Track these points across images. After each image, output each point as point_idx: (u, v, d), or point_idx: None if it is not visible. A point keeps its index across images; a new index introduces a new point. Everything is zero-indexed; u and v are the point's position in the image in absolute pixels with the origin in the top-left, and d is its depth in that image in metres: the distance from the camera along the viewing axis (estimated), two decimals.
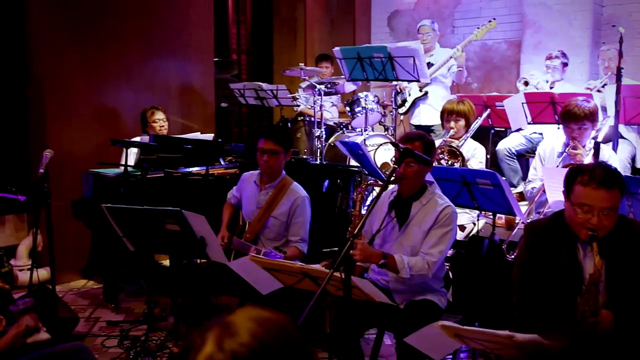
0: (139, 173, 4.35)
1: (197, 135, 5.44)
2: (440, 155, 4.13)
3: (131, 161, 4.90)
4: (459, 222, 4.24)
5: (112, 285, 4.77)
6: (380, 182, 3.39)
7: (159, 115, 5.18)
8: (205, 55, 6.28)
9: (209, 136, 5.36)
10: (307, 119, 6.23)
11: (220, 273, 3.51)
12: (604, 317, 2.32)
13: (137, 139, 5.09)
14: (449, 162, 4.17)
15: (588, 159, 3.87)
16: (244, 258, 2.80)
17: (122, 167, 4.36)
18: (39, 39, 5.05)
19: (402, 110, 6.03)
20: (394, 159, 2.68)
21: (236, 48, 8.25)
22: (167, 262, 5.32)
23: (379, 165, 4.50)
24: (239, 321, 1.06)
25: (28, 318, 2.39)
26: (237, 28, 8.23)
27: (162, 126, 5.18)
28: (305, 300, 2.33)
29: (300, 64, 6.14)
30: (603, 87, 5.24)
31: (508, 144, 5.55)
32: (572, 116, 3.91)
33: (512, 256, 3.54)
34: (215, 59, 6.60)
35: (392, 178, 2.64)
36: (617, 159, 4.08)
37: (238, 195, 3.94)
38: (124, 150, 4.41)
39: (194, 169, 4.74)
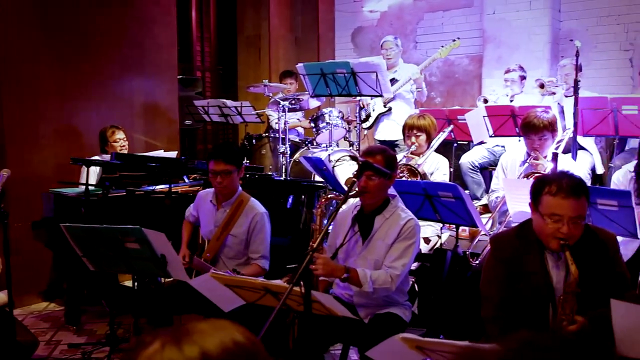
0: (101, 192, 4.28)
1: (160, 153, 5.38)
2: (401, 175, 4.16)
3: (93, 180, 4.84)
4: (423, 235, 4.27)
5: (74, 307, 4.66)
6: (340, 196, 3.40)
7: (120, 135, 5.11)
8: (169, 73, 6.25)
9: (173, 154, 5.32)
10: (272, 135, 6.23)
11: (184, 291, 3.45)
12: (580, 324, 2.35)
13: (97, 157, 5.00)
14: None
15: (550, 168, 3.94)
16: (205, 275, 2.76)
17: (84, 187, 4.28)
18: None
19: (366, 125, 6.08)
20: (355, 173, 2.68)
21: (200, 65, 8.24)
22: (130, 283, 5.22)
23: (343, 181, 4.51)
24: (193, 331, 1.04)
25: None
26: (201, 45, 8.22)
27: (123, 146, 5.10)
28: (269, 317, 2.31)
29: (264, 80, 6.15)
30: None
31: (471, 157, 5.63)
32: (532, 127, 3.98)
33: (476, 262, 3.57)
34: (179, 77, 6.57)
35: (353, 191, 2.64)
36: (577, 167, 4.16)
37: (195, 213, 3.89)
38: (85, 169, 4.35)
39: (158, 187, 4.69)
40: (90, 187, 4.28)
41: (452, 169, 4.98)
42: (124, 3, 5.77)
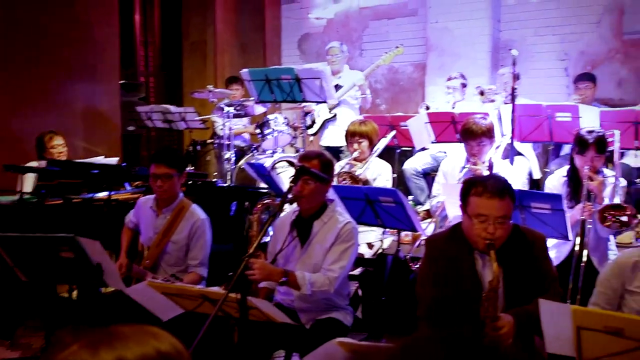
0: (36, 200, 4.15)
1: (100, 159, 5.25)
2: (344, 182, 4.19)
3: (29, 187, 4.69)
4: (366, 240, 4.31)
5: (7, 320, 4.48)
6: (277, 202, 3.40)
7: (58, 141, 4.97)
8: (111, 77, 6.14)
9: (114, 160, 5.20)
10: (217, 141, 6.17)
11: (124, 301, 3.36)
12: (504, 322, 2.41)
13: (34, 164, 4.85)
14: None
15: (487, 174, 4.03)
16: (142, 284, 2.71)
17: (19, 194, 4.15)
18: None
19: (312, 131, 6.10)
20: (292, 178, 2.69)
21: (144, 70, 8.10)
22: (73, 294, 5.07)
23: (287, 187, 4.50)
24: (117, 335, 1.01)
25: None
26: (145, 50, 8.09)
27: (61, 152, 4.95)
28: (213, 325, 2.29)
29: (208, 86, 6.09)
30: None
31: (414, 163, 5.71)
32: (470, 133, 4.08)
33: (416, 266, 3.62)
34: (121, 82, 6.45)
35: (290, 196, 2.64)
36: (514, 173, 4.27)
37: (135, 220, 3.81)
38: (20, 176, 4.22)
39: (98, 195, 4.57)
40: (25, 195, 4.15)
41: (395, 175, 5.04)
42: (64, 4, 5.63)
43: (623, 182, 3.77)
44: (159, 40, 8.28)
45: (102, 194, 4.55)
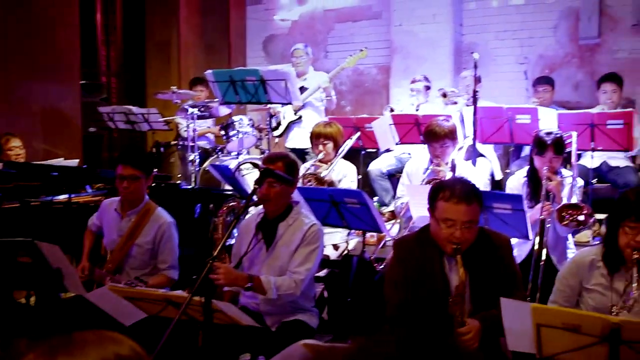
0: None
1: (59, 161, 5.15)
2: (309, 184, 4.20)
3: None
4: (332, 242, 4.33)
5: None
6: (242, 204, 3.39)
7: (15, 143, 4.87)
8: (71, 77, 6.02)
9: (74, 162, 5.10)
10: (181, 143, 6.11)
11: (85, 306, 3.29)
12: (470, 327, 2.44)
13: None
14: None
15: (450, 175, 4.10)
16: (103, 288, 2.67)
17: None
18: None
19: (277, 133, 6.09)
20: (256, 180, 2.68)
21: (106, 70, 7.96)
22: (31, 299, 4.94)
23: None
24: (76, 342, 0.99)
25: None
26: (107, 50, 7.95)
27: (19, 154, 4.86)
28: (177, 329, 2.27)
29: (172, 87, 6.02)
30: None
31: (379, 165, 5.75)
32: (433, 135, 4.13)
33: (381, 266, 3.65)
34: (82, 82, 6.34)
35: (255, 198, 2.64)
36: (476, 174, 4.34)
37: (98, 222, 3.74)
38: None
39: (59, 198, 4.47)
40: None
41: (360, 176, 5.07)
42: (23, 1, 5.50)
43: (580, 183, 3.87)
44: (121, 40, 8.14)
45: (62, 197, 4.46)
